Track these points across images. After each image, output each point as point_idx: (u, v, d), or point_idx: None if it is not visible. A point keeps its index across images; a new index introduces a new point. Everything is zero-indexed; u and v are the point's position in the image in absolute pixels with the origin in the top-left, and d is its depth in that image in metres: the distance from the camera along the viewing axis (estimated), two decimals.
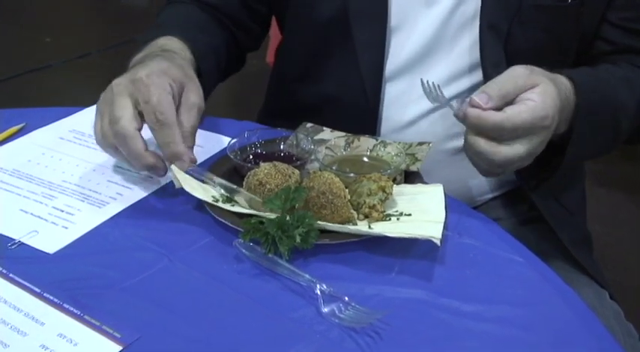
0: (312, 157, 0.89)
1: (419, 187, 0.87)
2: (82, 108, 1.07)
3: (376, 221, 0.79)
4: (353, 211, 0.80)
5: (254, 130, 0.95)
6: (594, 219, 1.24)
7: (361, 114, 1.03)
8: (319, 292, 0.70)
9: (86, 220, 0.82)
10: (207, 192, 0.83)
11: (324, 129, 0.98)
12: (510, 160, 0.81)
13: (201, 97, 0.88)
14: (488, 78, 0.91)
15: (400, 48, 1.01)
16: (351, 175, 0.84)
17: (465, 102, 0.81)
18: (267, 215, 0.78)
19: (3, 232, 0.80)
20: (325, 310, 0.69)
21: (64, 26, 3.71)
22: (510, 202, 1.11)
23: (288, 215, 0.76)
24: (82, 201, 0.86)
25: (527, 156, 0.82)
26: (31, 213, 0.83)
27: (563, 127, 0.89)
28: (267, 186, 0.80)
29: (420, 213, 0.81)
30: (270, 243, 0.75)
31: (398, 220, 0.80)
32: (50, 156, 0.96)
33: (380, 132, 1.04)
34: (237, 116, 1.11)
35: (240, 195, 0.82)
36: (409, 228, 0.78)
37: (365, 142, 0.92)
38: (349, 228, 0.77)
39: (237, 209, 0.81)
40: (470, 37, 0.99)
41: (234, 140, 0.92)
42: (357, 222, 0.80)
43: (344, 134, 0.94)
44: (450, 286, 0.74)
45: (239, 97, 2.73)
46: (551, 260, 1.00)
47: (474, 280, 0.75)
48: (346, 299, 0.69)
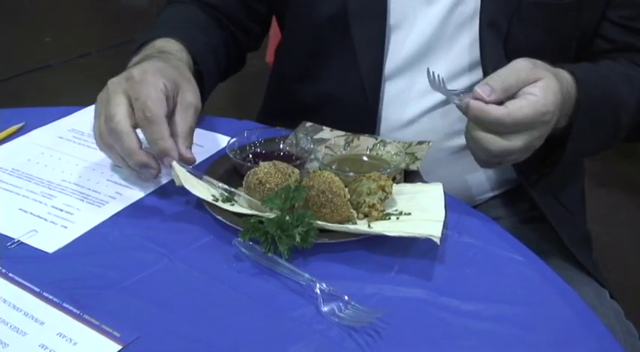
0: (312, 156, 0.89)
1: (418, 186, 0.87)
2: (81, 108, 1.07)
3: (376, 220, 0.79)
4: (352, 210, 0.80)
5: (253, 129, 0.95)
6: (594, 218, 1.24)
7: (361, 113, 1.03)
8: (319, 291, 0.70)
9: (85, 219, 0.82)
10: (207, 191, 0.83)
11: (323, 128, 0.98)
12: (508, 151, 0.81)
13: (198, 97, 0.88)
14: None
15: (400, 46, 1.01)
16: (351, 174, 0.84)
17: (468, 94, 0.81)
18: (267, 215, 0.78)
19: (2, 231, 0.80)
20: (325, 309, 0.69)
21: (63, 26, 3.71)
22: (510, 201, 1.11)
23: (287, 214, 0.76)
24: (82, 201, 0.86)
25: (525, 149, 0.82)
26: (31, 213, 0.83)
27: (563, 122, 0.89)
28: (267, 185, 0.80)
29: (420, 212, 0.81)
30: (270, 242, 0.75)
31: (397, 219, 0.80)
32: (49, 156, 0.96)
33: (379, 131, 1.04)
34: (237, 116, 1.10)
35: (241, 198, 0.82)
36: (409, 227, 0.78)
37: (364, 141, 0.92)
38: (349, 227, 0.77)
39: (236, 208, 0.81)
40: (469, 35, 0.99)
41: (233, 139, 0.92)
42: (357, 221, 0.80)
43: (343, 133, 0.94)
44: (450, 285, 0.74)
45: (239, 97, 2.73)
46: (551, 259, 1.00)
47: (473, 279, 0.75)
48: (346, 298, 0.69)
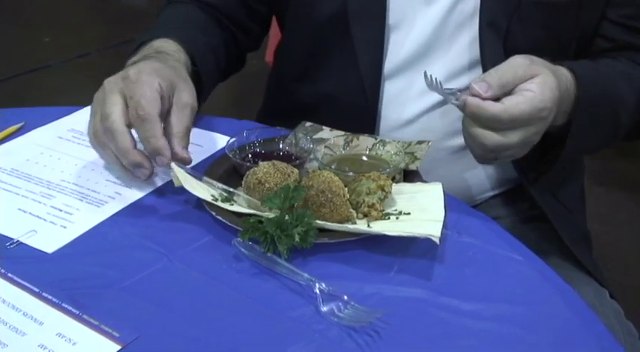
0: (311, 156, 0.89)
1: (418, 186, 0.87)
2: (80, 108, 1.07)
3: (375, 220, 0.79)
4: (352, 210, 0.80)
5: (253, 129, 0.95)
6: (593, 217, 1.24)
7: (360, 113, 1.03)
8: (318, 291, 0.70)
9: (85, 219, 0.82)
10: (206, 191, 0.83)
11: (323, 128, 0.98)
12: (504, 146, 0.81)
13: (194, 97, 0.88)
14: None
15: (399, 46, 1.01)
16: (350, 174, 0.84)
17: (465, 92, 0.81)
18: (267, 214, 0.78)
19: (1, 232, 0.79)
20: (324, 309, 0.69)
21: (63, 26, 3.71)
22: (510, 201, 1.11)
23: (287, 214, 0.76)
24: (81, 201, 0.86)
25: (522, 145, 0.82)
26: (30, 213, 0.83)
27: (561, 119, 0.89)
28: (266, 185, 0.80)
29: (419, 211, 0.81)
30: (269, 242, 0.75)
31: (397, 219, 0.80)
32: (49, 156, 0.96)
33: (379, 131, 1.04)
34: (237, 116, 1.10)
35: (240, 197, 0.82)
36: (408, 226, 0.77)
37: (364, 141, 0.92)
38: (348, 227, 0.77)
39: (236, 208, 0.81)
40: (469, 34, 0.99)
41: (233, 139, 0.92)
42: (356, 221, 0.80)
43: (343, 133, 0.94)
44: (449, 285, 0.74)
45: (239, 97, 2.73)
46: (551, 258, 1.00)
47: (473, 279, 0.75)
48: (345, 298, 0.69)
